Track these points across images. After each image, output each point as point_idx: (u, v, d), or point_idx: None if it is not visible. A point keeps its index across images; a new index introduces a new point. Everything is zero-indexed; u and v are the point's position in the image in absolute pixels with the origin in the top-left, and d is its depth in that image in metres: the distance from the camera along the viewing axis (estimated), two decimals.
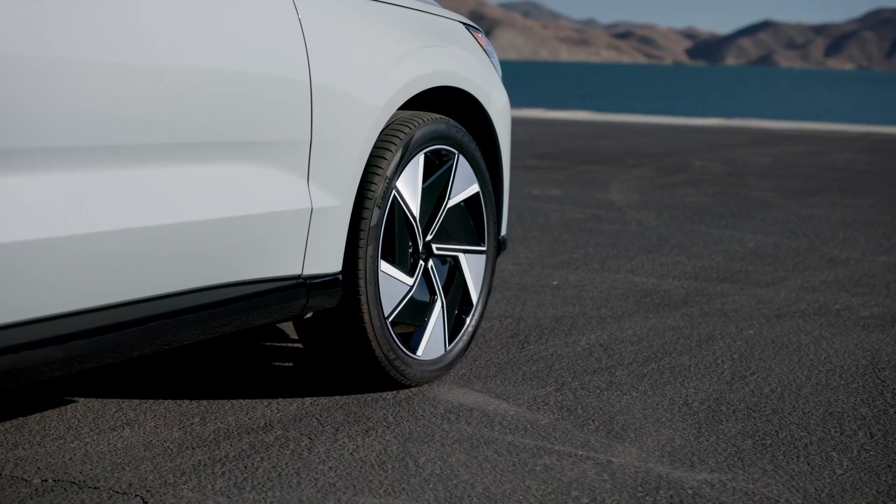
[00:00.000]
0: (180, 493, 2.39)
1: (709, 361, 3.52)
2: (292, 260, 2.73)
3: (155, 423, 2.84)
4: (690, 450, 2.73)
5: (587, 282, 4.74)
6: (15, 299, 2.09)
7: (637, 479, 2.53)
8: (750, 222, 6.58)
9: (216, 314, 2.58)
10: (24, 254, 2.08)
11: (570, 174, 9.06)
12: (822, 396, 3.19)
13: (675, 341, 3.77)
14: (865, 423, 2.97)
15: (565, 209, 6.97)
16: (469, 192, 3.32)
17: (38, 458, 2.58)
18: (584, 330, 3.91)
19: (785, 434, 2.86)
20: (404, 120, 3.06)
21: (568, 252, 5.47)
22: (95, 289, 2.27)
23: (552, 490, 2.46)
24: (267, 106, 2.60)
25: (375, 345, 2.99)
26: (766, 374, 3.39)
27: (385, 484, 2.47)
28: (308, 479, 2.49)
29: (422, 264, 3.18)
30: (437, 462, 2.61)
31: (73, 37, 2.14)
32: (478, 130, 3.48)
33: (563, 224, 6.36)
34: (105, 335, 2.31)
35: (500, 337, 3.79)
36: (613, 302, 4.36)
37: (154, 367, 3.33)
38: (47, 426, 2.80)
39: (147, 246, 2.36)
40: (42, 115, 2.13)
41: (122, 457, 2.60)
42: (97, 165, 2.24)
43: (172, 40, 2.38)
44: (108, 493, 2.38)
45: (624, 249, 5.56)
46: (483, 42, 3.53)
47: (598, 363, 3.48)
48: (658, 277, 4.86)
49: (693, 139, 13.27)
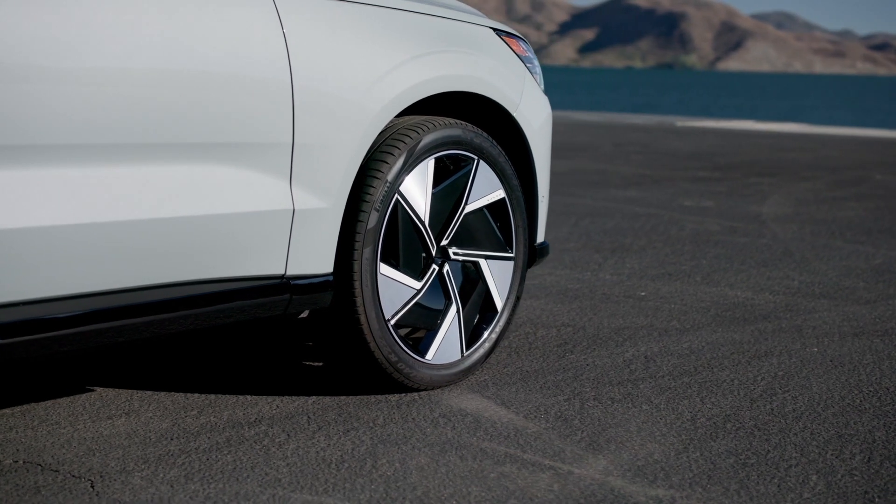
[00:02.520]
0: (130, 481, 2.48)
1: (747, 378, 3.40)
2: (273, 259, 2.79)
3: (153, 413, 2.95)
4: (663, 466, 2.65)
5: (676, 294, 4.63)
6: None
7: (586, 492, 2.48)
8: (894, 238, 6.27)
9: (193, 309, 2.67)
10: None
11: (734, 186, 8.83)
12: (843, 418, 3.03)
13: (727, 356, 3.65)
14: (872, 447, 2.81)
15: (706, 221, 6.80)
16: (492, 198, 3.31)
17: (24, 441, 2.72)
18: (639, 341, 3.82)
19: (775, 454, 2.74)
20: (413, 125, 3.08)
21: (678, 264, 5.34)
22: (69, 277, 2.40)
23: (491, 497, 2.43)
24: (245, 109, 2.67)
25: (374, 346, 3.02)
26: (798, 393, 3.24)
27: (329, 482, 2.50)
28: (258, 474, 2.54)
29: (435, 268, 3.18)
30: (395, 464, 2.62)
31: (62, 45, 2.31)
32: (511, 137, 3.45)
33: (692, 236, 6.22)
34: (79, 323, 2.45)
35: (546, 345, 3.75)
36: (690, 315, 4.25)
37: (176, 359, 3.45)
38: (51, 412, 2.94)
39: (122, 239, 2.47)
40: (33, 115, 2.28)
41: (100, 444, 2.71)
42: (78, 162, 2.39)
43: (150, 45, 2.49)
44: (63, 476, 2.50)
45: (738, 263, 5.40)
46: (519, 48, 3.50)
47: (629, 375, 3.40)
48: (755, 291, 4.70)
49: (890, 153, 12.69)
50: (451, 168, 3.21)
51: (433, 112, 3.36)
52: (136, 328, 2.60)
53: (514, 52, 3.46)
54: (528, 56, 3.55)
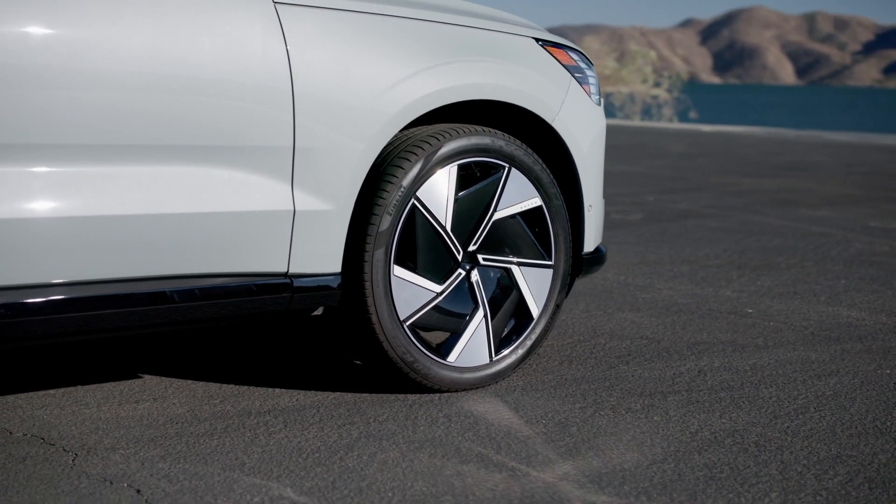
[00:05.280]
0: (109, 457, 2.68)
1: (789, 396, 3.29)
2: (275, 257, 2.93)
3: (177, 400, 3.15)
4: (625, 474, 2.63)
5: (785, 312, 4.49)
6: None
7: (526, 493, 2.49)
8: None
9: (193, 301, 2.85)
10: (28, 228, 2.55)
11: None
12: (856, 440, 2.90)
13: (785, 374, 3.54)
14: (859, 470, 2.69)
15: (877, 242, 6.51)
16: (526, 206, 3.34)
17: (45, 418, 2.97)
18: (705, 356, 3.75)
19: (752, 471, 2.67)
20: (435, 132, 3.16)
21: (812, 283, 5.16)
22: (84, 265, 2.65)
23: (431, 493, 2.49)
24: (245, 114, 2.83)
25: (388, 346, 3.12)
26: (830, 413, 3.13)
27: (285, 469, 2.61)
28: (227, 459, 2.68)
29: (461, 273, 3.25)
30: (363, 457, 2.71)
31: (76, 51, 2.57)
32: (555, 146, 3.48)
33: (851, 256, 5.98)
34: (88, 308, 2.70)
35: (607, 356, 3.74)
36: (783, 333, 4.13)
37: (226, 351, 3.64)
38: (88, 395, 3.18)
39: (127, 232, 2.69)
40: (63, 119, 2.56)
41: (109, 425, 2.92)
42: (98, 161, 2.64)
43: (154, 55, 2.70)
44: (55, 450, 2.71)
45: (880, 284, 5.16)
46: (566, 58, 3.51)
47: (664, 388, 3.36)
48: (871, 313, 4.51)
49: None
50: (478, 175, 3.27)
51: (474, 121, 3.43)
52: (144, 316, 2.79)
53: (559, 62, 3.48)
54: (578, 66, 3.55)
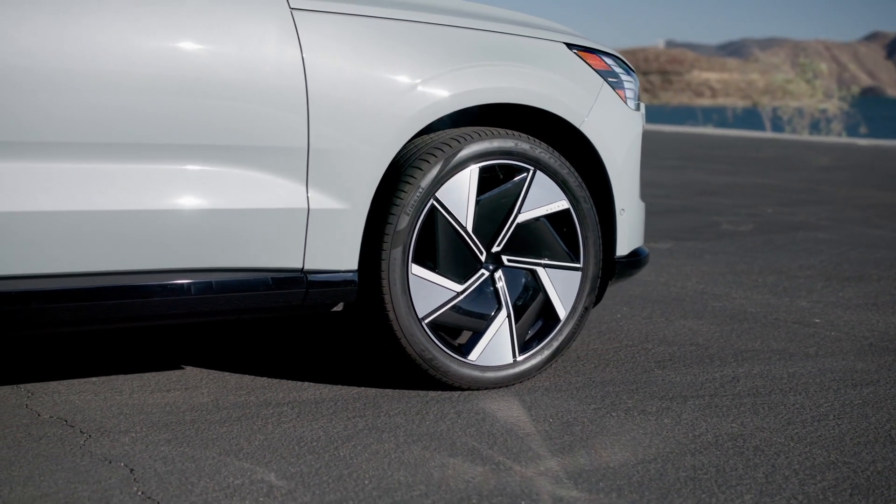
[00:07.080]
0: (119, 439, 2.83)
1: (813, 403, 3.25)
2: (290, 254, 3.05)
3: (206, 389, 3.29)
4: (606, 473, 2.65)
5: (852, 323, 4.41)
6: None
7: (498, 486, 2.54)
8: None
9: (209, 294, 2.99)
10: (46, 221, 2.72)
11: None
12: (861, 448, 2.86)
13: (821, 383, 3.49)
14: (848, 477, 2.65)
15: None
16: (552, 208, 3.39)
17: (77, 403, 3.14)
18: (746, 363, 3.73)
19: (736, 474, 2.66)
20: (456, 135, 3.24)
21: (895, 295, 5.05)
22: (110, 256, 2.83)
23: (406, 482, 2.56)
24: (259, 116, 2.96)
25: (405, 343, 3.20)
26: (847, 421, 3.08)
27: (277, 455, 2.72)
28: (228, 445, 2.80)
29: (484, 273, 3.31)
30: (357, 448, 2.80)
31: (89, 53, 2.74)
32: (585, 150, 3.52)
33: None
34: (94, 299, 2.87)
35: (647, 360, 3.74)
36: (840, 343, 4.06)
37: (268, 345, 3.77)
38: (125, 383, 3.35)
39: (149, 226, 2.86)
40: (92, 118, 2.75)
41: (133, 410, 3.08)
42: (116, 158, 2.81)
43: (174, 59, 2.86)
44: (72, 431, 2.88)
45: None
46: (599, 63, 3.53)
47: (687, 392, 3.35)
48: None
49: None
50: (501, 177, 3.33)
51: (511, 125, 3.49)
52: (162, 306, 2.95)
53: (591, 67, 3.51)
54: (612, 71, 3.57)
